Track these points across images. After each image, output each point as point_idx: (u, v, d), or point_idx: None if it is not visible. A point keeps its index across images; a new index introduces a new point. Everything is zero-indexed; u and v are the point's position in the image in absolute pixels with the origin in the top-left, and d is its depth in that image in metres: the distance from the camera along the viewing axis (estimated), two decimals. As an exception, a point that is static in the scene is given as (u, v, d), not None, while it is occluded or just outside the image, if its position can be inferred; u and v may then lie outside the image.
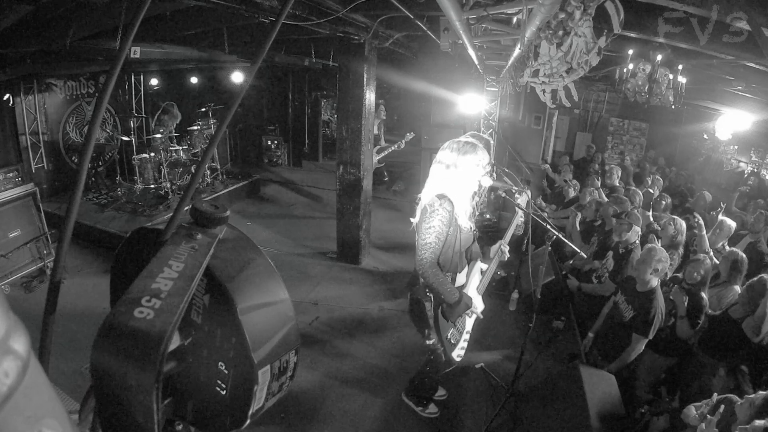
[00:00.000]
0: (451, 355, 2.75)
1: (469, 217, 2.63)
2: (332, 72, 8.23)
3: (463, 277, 2.73)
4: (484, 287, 2.82)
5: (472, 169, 2.50)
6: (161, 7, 3.73)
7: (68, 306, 4.28)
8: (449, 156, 2.52)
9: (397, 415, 3.45)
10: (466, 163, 2.48)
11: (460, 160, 2.49)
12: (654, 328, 3.05)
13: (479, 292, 2.81)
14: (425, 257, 2.46)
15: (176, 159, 7.35)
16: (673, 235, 4.01)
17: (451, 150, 2.53)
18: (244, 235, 0.76)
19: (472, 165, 2.49)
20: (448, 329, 2.70)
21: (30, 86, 6.48)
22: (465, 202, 2.57)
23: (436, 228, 2.44)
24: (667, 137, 8.97)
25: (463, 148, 2.51)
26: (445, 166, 2.52)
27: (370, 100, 5.41)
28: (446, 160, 2.52)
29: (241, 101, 0.91)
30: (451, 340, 2.73)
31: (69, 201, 0.63)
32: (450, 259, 2.58)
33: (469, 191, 2.57)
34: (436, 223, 2.44)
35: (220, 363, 0.70)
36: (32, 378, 0.36)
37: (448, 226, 2.47)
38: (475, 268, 2.77)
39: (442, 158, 2.54)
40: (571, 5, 1.96)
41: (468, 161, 2.48)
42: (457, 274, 2.67)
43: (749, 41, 2.59)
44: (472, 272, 2.76)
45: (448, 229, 2.48)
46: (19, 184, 4.89)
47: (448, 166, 2.51)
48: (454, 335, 2.74)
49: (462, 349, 2.82)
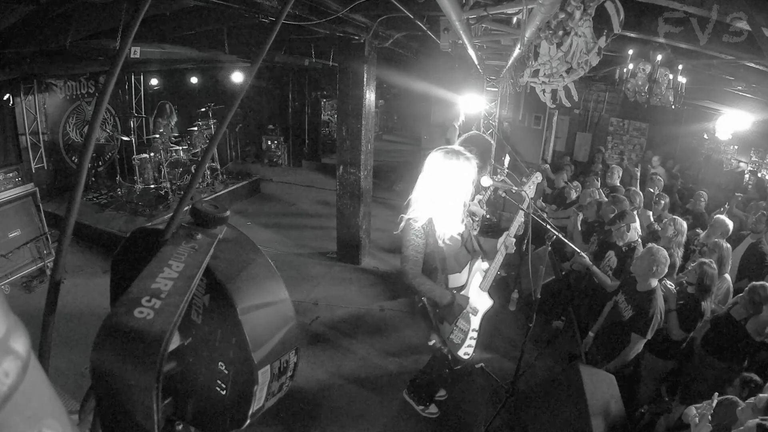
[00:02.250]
0: (458, 354, 2.75)
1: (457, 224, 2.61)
2: (332, 72, 8.23)
3: (462, 278, 2.73)
4: (489, 284, 2.81)
5: (455, 178, 2.46)
6: (161, 7, 3.73)
7: (68, 306, 4.28)
8: (432, 164, 2.50)
9: (398, 414, 3.45)
10: (449, 171, 2.45)
11: (442, 168, 2.47)
12: (653, 328, 3.05)
13: (483, 289, 2.80)
14: (406, 269, 2.53)
15: (176, 159, 7.35)
16: (673, 235, 4.00)
17: (435, 157, 2.51)
18: (244, 235, 0.76)
19: (455, 174, 2.45)
20: (449, 330, 2.71)
21: (30, 86, 6.49)
22: (448, 211, 2.53)
23: (411, 242, 2.49)
24: (667, 137, 8.97)
25: (446, 156, 2.48)
26: (429, 174, 2.51)
27: (370, 100, 5.41)
28: (429, 168, 2.51)
29: (241, 101, 0.91)
30: (455, 340, 2.73)
31: (69, 201, 0.63)
32: (438, 265, 2.59)
33: (454, 200, 2.53)
34: (411, 237, 2.49)
35: (220, 363, 0.70)
36: (32, 378, 0.36)
37: (422, 238, 2.49)
38: (475, 266, 2.76)
39: (426, 166, 2.54)
40: (571, 5, 1.96)
41: (450, 170, 2.45)
42: (449, 276, 2.67)
43: (749, 41, 2.59)
44: (473, 271, 2.75)
45: (423, 240, 2.49)
46: (19, 184, 4.90)
47: (431, 173, 2.50)
48: (457, 335, 2.74)
49: (470, 347, 2.80)
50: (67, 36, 3.84)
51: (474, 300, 2.74)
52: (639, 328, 3.08)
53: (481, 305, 2.80)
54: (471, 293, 2.72)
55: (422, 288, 2.54)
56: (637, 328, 3.09)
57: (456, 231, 2.63)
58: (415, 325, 4.64)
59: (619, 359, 3.18)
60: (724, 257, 3.59)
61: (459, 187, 2.49)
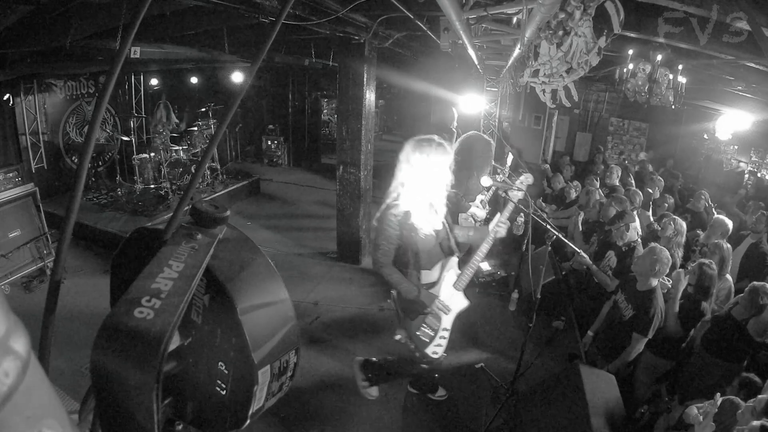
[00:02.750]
0: (425, 351, 2.70)
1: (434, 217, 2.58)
2: (332, 72, 8.22)
3: (432, 275, 2.66)
4: (465, 283, 2.72)
5: (427, 167, 2.41)
6: (161, 7, 3.73)
7: (68, 306, 4.28)
8: (405, 153, 2.47)
9: (398, 414, 3.45)
10: (421, 160, 2.41)
11: (414, 157, 2.42)
12: (653, 328, 3.05)
13: (458, 289, 2.72)
14: (376, 257, 2.54)
15: (176, 159, 7.35)
16: (673, 234, 4.01)
17: (408, 147, 2.47)
18: (244, 235, 0.76)
19: (428, 163, 2.40)
20: (416, 326, 2.68)
21: (30, 86, 6.48)
22: (425, 201, 2.51)
23: (384, 231, 2.48)
24: (667, 137, 8.97)
25: (418, 144, 2.44)
26: (403, 164, 2.48)
27: (370, 100, 5.41)
28: (402, 157, 2.48)
29: (241, 101, 0.91)
30: (422, 337, 2.68)
31: (69, 201, 0.63)
32: (411, 259, 2.57)
33: (429, 190, 2.49)
34: (384, 226, 2.48)
35: (220, 363, 0.70)
36: (32, 378, 0.36)
37: (396, 229, 2.47)
38: (448, 264, 2.69)
39: (400, 156, 2.51)
40: (571, 5, 1.96)
41: (422, 158, 2.40)
42: (421, 272, 2.63)
43: (749, 41, 2.59)
44: (447, 269, 2.68)
45: (398, 232, 2.47)
46: (19, 184, 4.89)
47: (405, 163, 2.47)
48: (425, 332, 2.69)
49: (439, 347, 2.74)
50: (67, 36, 3.83)
51: (446, 299, 2.67)
52: (640, 328, 3.08)
53: (455, 305, 2.73)
54: (443, 292, 2.66)
55: (390, 278, 2.54)
56: (638, 327, 3.09)
57: (434, 226, 2.58)
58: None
59: (620, 359, 3.18)
60: (725, 258, 3.59)
61: (434, 175, 2.44)
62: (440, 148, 2.43)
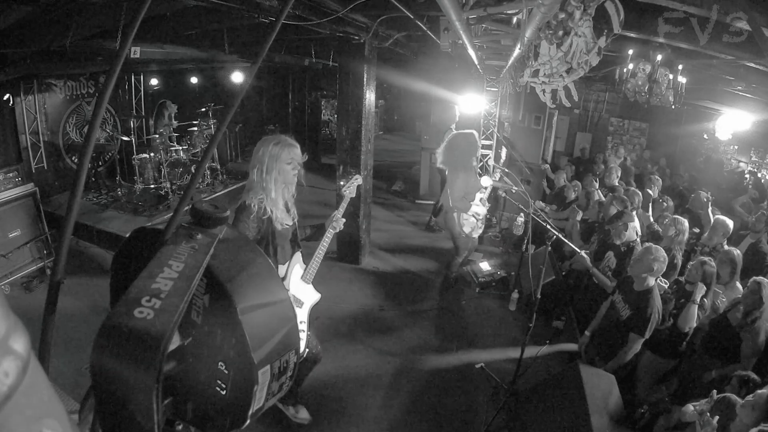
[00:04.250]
0: None
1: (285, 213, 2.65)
2: (332, 72, 8.23)
3: (282, 270, 2.74)
4: (313, 274, 2.85)
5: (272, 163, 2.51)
6: (161, 7, 3.73)
7: (68, 306, 4.28)
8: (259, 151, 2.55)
9: (398, 414, 3.45)
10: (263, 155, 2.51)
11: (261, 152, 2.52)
12: (651, 328, 3.05)
13: (307, 281, 2.83)
14: None
15: (176, 159, 7.35)
16: (675, 234, 4.00)
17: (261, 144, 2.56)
18: (244, 235, 0.76)
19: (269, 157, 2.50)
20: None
21: (30, 86, 6.48)
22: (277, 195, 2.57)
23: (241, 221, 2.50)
24: (667, 137, 8.97)
25: (266, 143, 2.53)
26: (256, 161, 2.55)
27: (370, 100, 5.40)
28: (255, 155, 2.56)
29: (241, 101, 0.91)
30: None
31: (69, 201, 0.63)
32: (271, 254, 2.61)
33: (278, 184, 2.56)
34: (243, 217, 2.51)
35: (220, 363, 0.70)
36: (32, 378, 0.36)
37: (255, 222, 2.51)
38: (294, 259, 2.80)
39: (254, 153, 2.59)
40: (571, 5, 1.96)
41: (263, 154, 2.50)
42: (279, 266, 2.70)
43: (749, 41, 2.59)
44: (293, 263, 2.79)
45: (256, 225, 2.52)
46: (19, 184, 4.89)
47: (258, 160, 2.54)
48: None
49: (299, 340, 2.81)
50: (67, 36, 3.83)
51: (296, 292, 2.76)
52: (637, 328, 3.08)
53: (306, 297, 2.81)
54: (291, 286, 2.73)
55: None
56: (636, 327, 3.09)
57: (287, 220, 2.67)
58: (415, 325, 4.64)
59: (617, 359, 3.18)
60: (737, 265, 3.55)
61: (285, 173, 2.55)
62: (278, 145, 2.54)
